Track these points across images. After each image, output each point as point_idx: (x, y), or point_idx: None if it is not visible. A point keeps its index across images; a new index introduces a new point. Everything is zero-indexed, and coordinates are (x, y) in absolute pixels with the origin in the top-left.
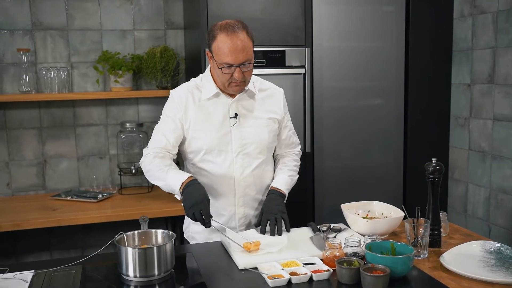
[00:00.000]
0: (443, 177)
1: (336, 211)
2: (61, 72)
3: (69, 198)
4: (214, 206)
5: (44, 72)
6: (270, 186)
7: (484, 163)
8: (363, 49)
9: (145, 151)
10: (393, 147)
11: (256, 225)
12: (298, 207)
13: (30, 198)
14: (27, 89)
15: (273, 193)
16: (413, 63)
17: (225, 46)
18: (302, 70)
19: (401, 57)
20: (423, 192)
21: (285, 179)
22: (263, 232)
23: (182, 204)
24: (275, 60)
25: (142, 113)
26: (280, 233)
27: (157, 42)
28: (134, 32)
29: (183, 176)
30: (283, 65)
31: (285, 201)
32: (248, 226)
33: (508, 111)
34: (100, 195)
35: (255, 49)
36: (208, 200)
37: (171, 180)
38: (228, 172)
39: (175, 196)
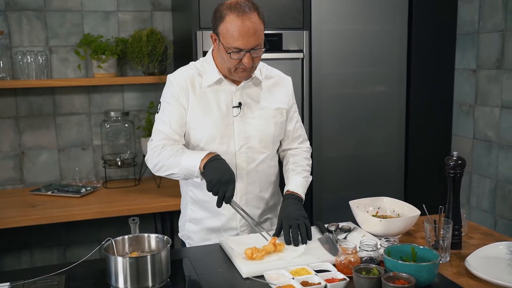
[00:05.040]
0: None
1: (336, 206)
2: (39, 57)
3: (49, 193)
4: (213, 204)
5: (20, 57)
6: (286, 189)
7: (490, 153)
8: (364, 33)
9: (149, 145)
10: (394, 136)
11: (276, 235)
12: None
13: (7, 193)
14: (1, 75)
15: (291, 197)
16: (416, 47)
17: (235, 28)
18: (300, 55)
19: (404, 41)
20: (425, 182)
21: (301, 181)
22: (288, 241)
23: (206, 180)
24: (271, 44)
25: (127, 101)
26: (305, 242)
27: (143, 25)
28: (118, 14)
29: (202, 153)
30: (280, 50)
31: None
32: (249, 227)
33: None
34: (84, 189)
35: None
36: (234, 182)
37: (186, 160)
38: None
39: (195, 179)
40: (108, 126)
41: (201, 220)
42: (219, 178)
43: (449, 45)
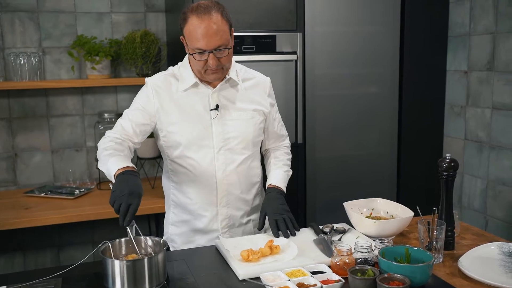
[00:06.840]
0: (437, 168)
1: (330, 207)
2: (32, 58)
3: (43, 194)
4: (195, 207)
5: (12, 58)
6: (268, 183)
7: (481, 153)
8: (357, 34)
9: (106, 133)
10: (387, 137)
11: (259, 228)
12: (287, 202)
13: (0, 195)
14: None
15: (273, 191)
16: (408, 49)
17: (196, 29)
18: (293, 57)
19: (396, 42)
20: (418, 183)
21: (281, 175)
22: (276, 234)
23: (111, 190)
24: (265, 45)
25: (121, 103)
26: (293, 234)
27: (137, 26)
28: (111, 15)
29: (125, 163)
30: (273, 51)
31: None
32: (231, 228)
33: (508, 99)
34: (77, 191)
35: (244, 34)
36: (141, 198)
37: (111, 164)
38: (209, 169)
39: (109, 184)
40: (101, 127)
41: (184, 223)
42: (122, 189)
43: (441, 47)
